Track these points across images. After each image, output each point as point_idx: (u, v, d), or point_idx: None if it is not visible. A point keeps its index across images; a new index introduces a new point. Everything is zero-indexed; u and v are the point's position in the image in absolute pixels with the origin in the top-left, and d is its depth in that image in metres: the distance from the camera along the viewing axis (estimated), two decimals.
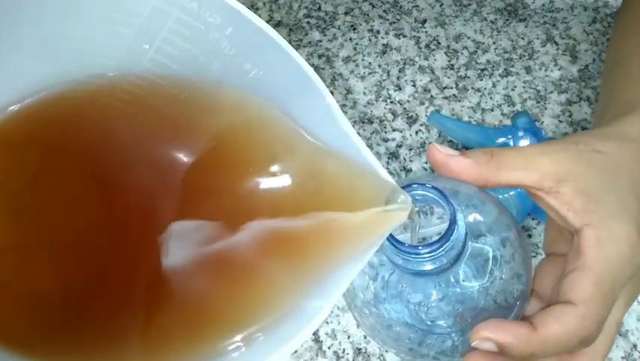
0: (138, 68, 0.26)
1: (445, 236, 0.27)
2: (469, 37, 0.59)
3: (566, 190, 0.29)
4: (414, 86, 0.57)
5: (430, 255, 0.27)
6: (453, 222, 0.27)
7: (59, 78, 0.26)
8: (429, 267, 0.28)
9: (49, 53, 0.25)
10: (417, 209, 0.26)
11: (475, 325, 0.28)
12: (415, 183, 0.27)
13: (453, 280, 0.30)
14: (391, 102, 0.57)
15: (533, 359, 0.28)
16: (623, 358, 0.44)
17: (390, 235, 0.27)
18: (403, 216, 0.25)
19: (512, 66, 0.57)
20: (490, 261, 0.31)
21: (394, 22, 0.61)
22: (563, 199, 0.29)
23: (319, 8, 0.63)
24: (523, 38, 0.58)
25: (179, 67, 0.26)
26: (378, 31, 0.61)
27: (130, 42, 0.26)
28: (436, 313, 0.31)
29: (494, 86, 0.56)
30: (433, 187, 0.27)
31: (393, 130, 0.55)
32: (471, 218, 0.31)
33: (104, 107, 0.27)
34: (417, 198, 0.27)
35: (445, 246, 0.27)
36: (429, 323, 0.31)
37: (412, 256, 0.27)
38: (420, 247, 0.27)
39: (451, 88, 0.57)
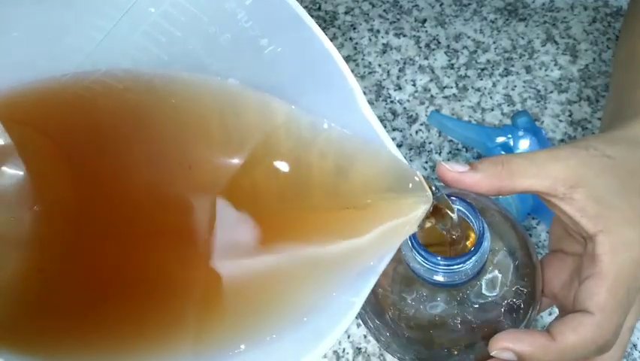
0: (136, 33, 0.24)
1: (475, 249, 0.27)
2: (469, 37, 0.59)
3: (579, 196, 0.29)
4: (414, 85, 0.57)
5: (458, 267, 0.27)
6: (482, 235, 0.27)
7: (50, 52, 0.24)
8: (452, 279, 0.28)
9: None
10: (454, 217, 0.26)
11: (489, 334, 0.29)
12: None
13: (470, 291, 0.31)
14: (391, 102, 0.57)
15: None
16: (623, 358, 0.45)
17: (418, 243, 0.27)
18: (425, 207, 0.24)
19: (512, 66, 0.57)
20: (502, 273, 0.31)
21: (394, 22, 0.61)
22: (576, 205, 0.30)
23: (319, 8, 0.63)
24: (523, 38, 0.58)
25: (183, 34, 0.24)
26: (378, 31, 0.61)
27: (133, 2, 0.24)
28: (451, 324, 0.31)
29: (494, 85, 0.56)
30: (462, 199, 0.28)
31: (394, 129, 0.55)
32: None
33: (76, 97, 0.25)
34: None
35: (472, 259, 0.27)
36: (443, 333, 0.31)
37: (439, 267, 0.27)
38: (440, 258, 0.27)
39: (451, 87, 0.57)
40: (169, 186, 0.26)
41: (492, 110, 0.55)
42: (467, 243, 0.28)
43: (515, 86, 0.56)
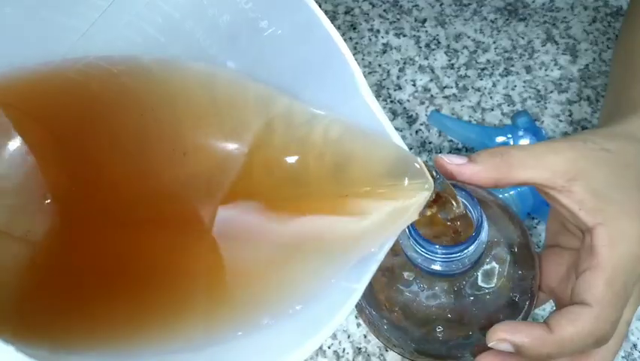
0: (132, 13, 0.24)
1: (473, 237, 0.27)
2: (469, 37, 0.59)
3: (578, 189, 0.29)
4: (414, 85, 0.57)
5: (456, 255, 0.27)
6: (480, 226, 0.27)
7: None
8: (450, 268, 0.28)
9: None
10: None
11: (486, 326, 0.29)
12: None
13: (467, 282, 0.30)
14: (391, 102, 0.56)
15: (549, 360, 0.29)
16: (623, 357, 0.44)
17: (417, 232, 0.26)
18: (426, 195, 0.24)
19: (512, 65, 0.57)
20: (499, 264, 0.31)
21: (394, 22, 0.61)
22: (575, 198, 0.29)
23: (319, 7, 0.63)
24: (523, 38, 0.58)
25: (181, 15, 0.24)
26: (378, 31, 0.60)
27: None
28: (449, 315, 0.31)
29: (494, 85, 0.56)
30: (460, 188, 0.27)
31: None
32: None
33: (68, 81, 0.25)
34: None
35: (470, 247, 0.27)
36: (441, 324, 0.31)
37: (437, 256, 0.27)
38: (438, 246, 0.27)
39: (451, 87, 0.57)
40: (163, 172, 0.26)
41: (492, 110, 0.55)
42: (465, 234, 0.28)
43: (515, 86, 0.56)
